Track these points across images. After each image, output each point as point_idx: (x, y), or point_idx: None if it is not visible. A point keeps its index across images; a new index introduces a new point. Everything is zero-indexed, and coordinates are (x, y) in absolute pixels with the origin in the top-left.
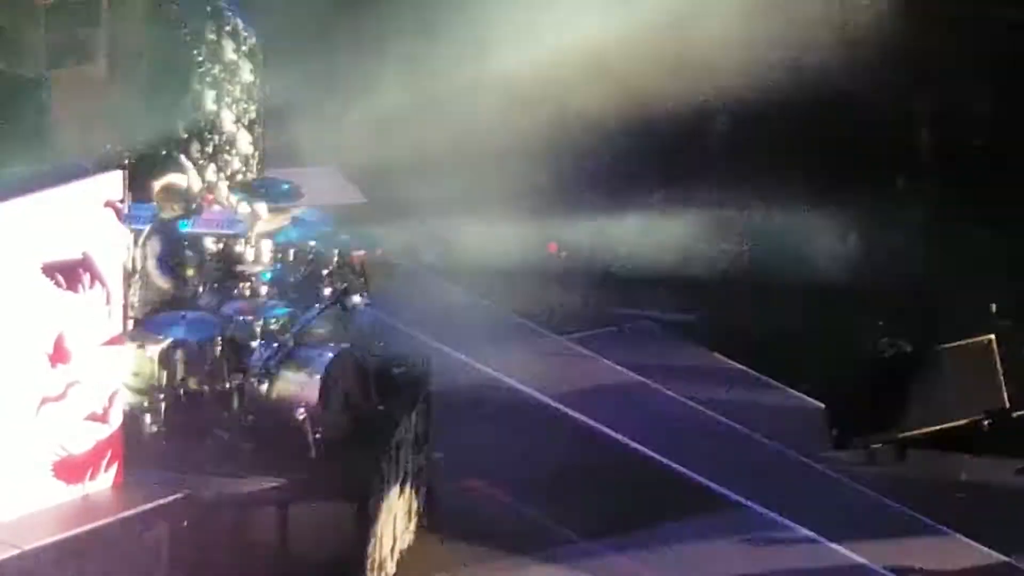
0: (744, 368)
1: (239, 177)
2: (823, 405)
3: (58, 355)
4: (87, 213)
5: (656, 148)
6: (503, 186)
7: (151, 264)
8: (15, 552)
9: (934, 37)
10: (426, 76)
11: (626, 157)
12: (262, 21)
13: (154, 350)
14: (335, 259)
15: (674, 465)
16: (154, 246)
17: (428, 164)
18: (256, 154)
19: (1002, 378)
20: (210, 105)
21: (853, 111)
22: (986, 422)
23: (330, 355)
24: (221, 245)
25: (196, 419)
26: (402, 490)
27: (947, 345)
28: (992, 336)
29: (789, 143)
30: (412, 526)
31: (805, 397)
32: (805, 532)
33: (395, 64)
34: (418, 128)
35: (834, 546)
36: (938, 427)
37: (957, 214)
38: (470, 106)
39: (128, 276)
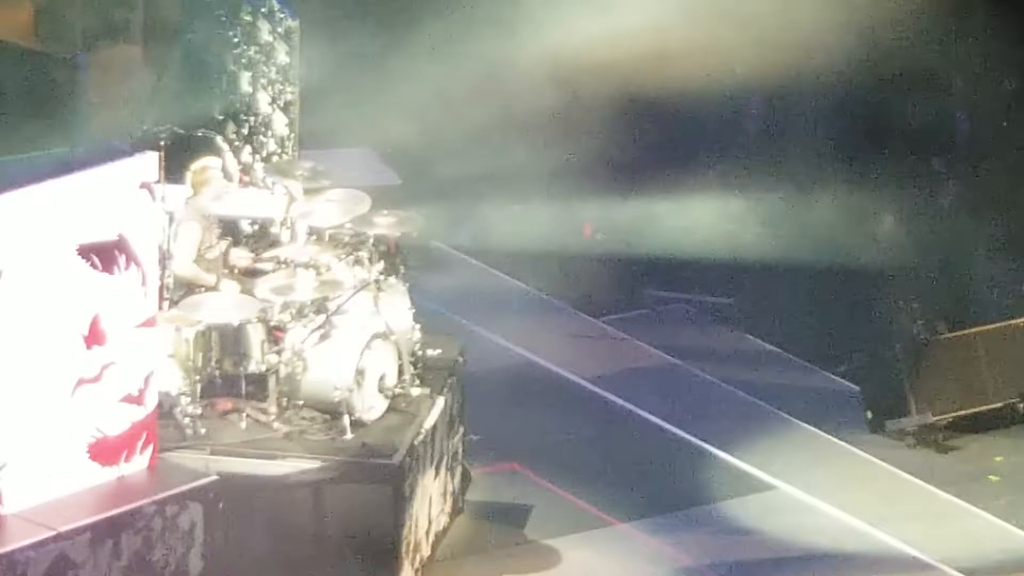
0: (779, 351)
1: (274, 159)
2: (858, 388)
3: (93, 337)
4: (122, 194)
5: (692, 130)
6: (538, 167)
7: (186, 246)
8: (51, 534)
9: (974, 16)
10: (461, 55)
11: (663, 139)
12: (297, 2)
13: (190, 332)
14: (370, 240)
15: (709, 447)
16: (190, 232)
17: (463, 144)
18: (291, 136)
19: None
20: (245, 87)
21: (888, 92)
22: (1021, 405)
23: (365, 337)
24: (256, 227)
25: (231, 401)
26: (437, 472)
27: (982, 328)
28: None
29: (825, 125)
30: (447, 508)
31: (841, 380)
32: (839, 515)
33: (430, 44)
34: (454, 108)
35: (869, 529)
36: (973, 410)
37: (993, 196)
38: (506, 86)
39: (163, 258)
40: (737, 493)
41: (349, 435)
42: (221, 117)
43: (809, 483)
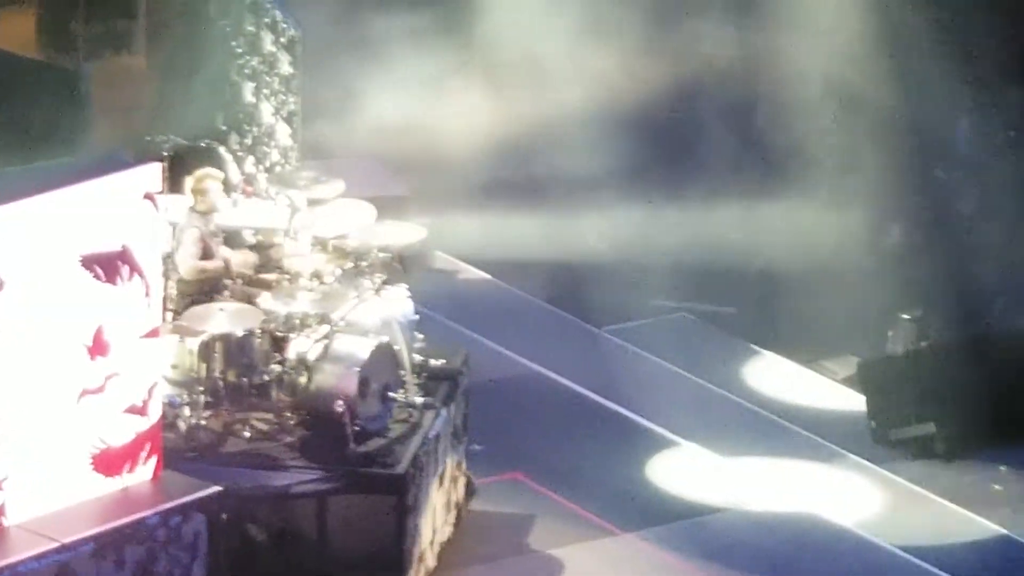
0: (782, 359)
1: (278, 169)
2: (863, 397)
3: (97, 347)
4: (126, 205)
5: (694, 140)
6: (542, 176)
7: (189, 246)
8: (53, 545)
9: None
10: (460, 66)
11: (665, 147)
12: (300, 13)
13: (193, 342)
14: (374, 250)
15: (714, 458)
16: (192, 239)
17: (465, 154)
18: (294, 146)
19: None
20: (249, 97)
21: (892, 104)
22: None
23: (369, 347)
24: (259, 237)
25: (235, 411)
26: (441, 482)
27: (982, 334)
28: None
29: (827, 135)
30: (451, 519)
31: (846, 389)
32: (845, 526)
33: (429, 54)
34: (454, 118)
35: (874, 539)
36: (975, 419)
37: (994, 205)
38: (508, 95)
39: (167, 269)
40: (741, 503)
41: (352, 445)
42: (224, 128)
43: (813, 493)
